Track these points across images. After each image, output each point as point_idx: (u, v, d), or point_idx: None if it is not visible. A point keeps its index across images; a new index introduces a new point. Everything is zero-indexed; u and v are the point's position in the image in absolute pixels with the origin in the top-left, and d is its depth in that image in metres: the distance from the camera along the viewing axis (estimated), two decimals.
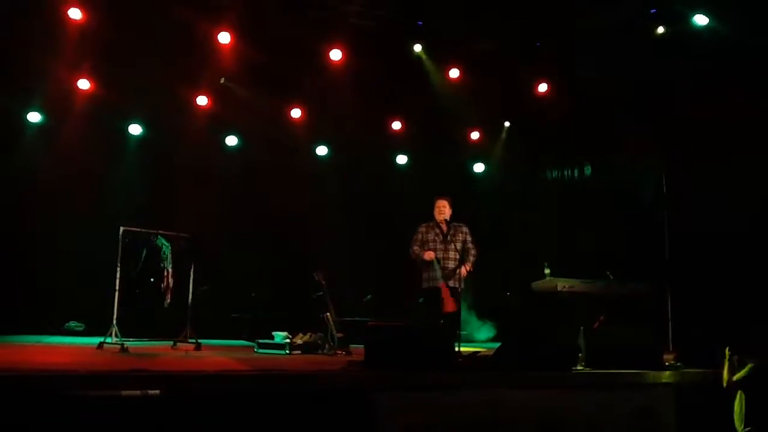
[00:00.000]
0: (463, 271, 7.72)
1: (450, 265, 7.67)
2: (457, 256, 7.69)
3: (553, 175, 13.41)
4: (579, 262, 10.06)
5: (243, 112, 11.98)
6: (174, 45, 10.36)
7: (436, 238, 7.75)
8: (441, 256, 7.68)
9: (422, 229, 7.83)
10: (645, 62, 10.35)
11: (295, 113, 12.43)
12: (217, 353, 8.30)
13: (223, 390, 4.88)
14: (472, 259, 7.84)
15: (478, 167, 14.06)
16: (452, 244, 7.72)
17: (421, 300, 7.91)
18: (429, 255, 7.68)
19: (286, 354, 8.43)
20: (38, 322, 10.55)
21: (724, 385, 5.85)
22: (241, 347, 9.60)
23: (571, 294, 9.21)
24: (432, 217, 7.95)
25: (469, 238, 7.92)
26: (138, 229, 9.14)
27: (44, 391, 4.44)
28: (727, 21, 9.21)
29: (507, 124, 13.16)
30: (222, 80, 11.55)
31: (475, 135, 13.36)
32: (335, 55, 10.93)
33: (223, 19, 10.40)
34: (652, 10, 10.08)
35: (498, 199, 13.67)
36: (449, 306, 7.56)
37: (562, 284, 9.30)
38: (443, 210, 7.88)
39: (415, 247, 7.84)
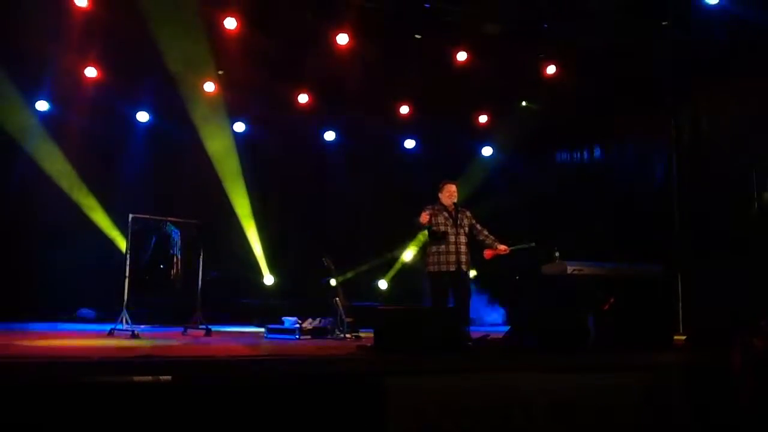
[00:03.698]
0: (503, 248, 7.76)
1: (462, 249, 7.62)
2: (467, 240, 7.68)
3: (563, 157, 13.36)
4: (588, 245, 10.04)
5: (250, 97, 11.95)
6: (180, 31, 10.32)
7: (446, 222, 7.66)
8: (453, 239, 7.60)
9: (430, 210, 7.75)
10: (653, 42, 10.28)
11: (303, 98, 12.39)
12: (227, 339, 8.34)
13: (234, 375, 4.90)
14: (492, 238, 7.82)
15: (487, 150, 14.02)
16: (462, 228, 7.69)
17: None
18: (424, 217, 7.49)
19: (296, 339, 8.46)
20: (50, 309, 10.63)
21: (735, 369, 5.82)
22: (250, 333, 9.64)
23: (581, 276, 9.20)
24: (436, 201, 7.88)
25: (474, 221, 7.88)
26: (147, 216, 9.16)
27: (56, 378, 4.46)
28: None
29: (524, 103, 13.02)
30: (220, 72, 11.55)
31: (483, 118, 13.31)
32: (342, 39, 10.85)
33: (230, 4, 10.34)
34: None
35: (506, 182, 13.63)
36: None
37: (571, 267, 9.28)
38: (453, 194, 7.82)
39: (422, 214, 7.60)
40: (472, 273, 7.83)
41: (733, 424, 5.74)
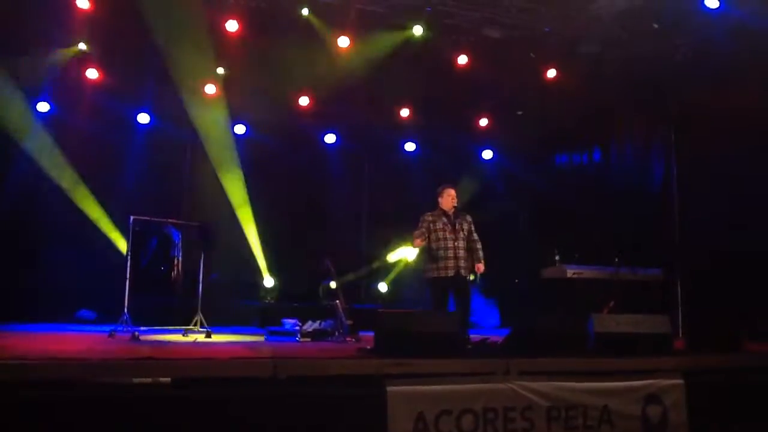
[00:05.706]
0: (481, 268, 7.74)
1: (461, 254, 7.64)
2: (466, 245, 7.70)
3: (562, 160, 13.38)
4: (589, 249, 10.05)
5: (251, 100, 11.95)
6: (181, 33, 10.33)
7: (445, 227, 7.70)
8: (452, 245, 7.63)
9: (429, 217, 7.80)
10: (650, 45, 10.30)
11: (303, 101, 12.39)
12: (227, 341, 8.34)
13: (234, 377, 4.91)
14: (480, 254, 7.81)
15: (487, 154, 14.02)
16: (461, 233, 7.71)
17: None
18: (418, 243, 7.79)
19: (296, 341, 8.47)
20: (50, 310, 10.62)
21: None
22: (251, 335, 9.64)
23: (581, 280, 9.20)
24: (436, 206, 7.91)
25: (472, 228, 7.89)
26: (148, 218, 9.17)
27: (56, 380, 4.47)
28: (739, 4, 9.10)
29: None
30: (221, 71, 11.56)
31: (483, 121, 13.31)
32: (342, 41, 10.84)
33: (231, 7, 10.34)
34: None
35: (507, 185, 13.63)
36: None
37: (571, 271, 9.29)
38: (453, 199, 7.85)
39: (416, 232, 7.81)
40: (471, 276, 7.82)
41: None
